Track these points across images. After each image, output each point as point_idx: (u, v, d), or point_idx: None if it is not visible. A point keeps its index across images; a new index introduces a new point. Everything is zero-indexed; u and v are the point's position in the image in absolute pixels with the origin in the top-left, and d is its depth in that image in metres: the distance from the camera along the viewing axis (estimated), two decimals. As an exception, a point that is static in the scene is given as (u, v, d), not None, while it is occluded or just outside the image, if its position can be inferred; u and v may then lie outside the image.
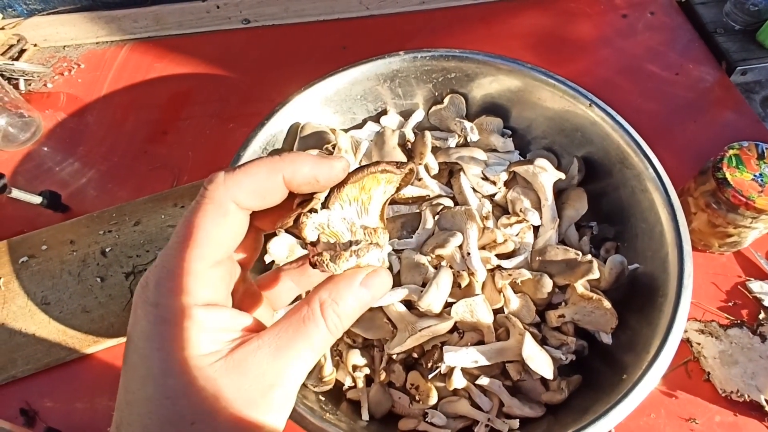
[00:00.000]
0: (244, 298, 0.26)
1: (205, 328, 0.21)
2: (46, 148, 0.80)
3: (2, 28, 0.91)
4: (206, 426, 0.20)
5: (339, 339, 0.50)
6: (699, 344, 0.56)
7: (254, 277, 0.28)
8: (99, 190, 0.75)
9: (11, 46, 0.88)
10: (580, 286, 0.47)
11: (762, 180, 0.54)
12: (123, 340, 0.60)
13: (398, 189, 0.26)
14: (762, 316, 0.58)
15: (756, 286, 0.60)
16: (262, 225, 0.25)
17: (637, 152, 0.52)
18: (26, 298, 0.63)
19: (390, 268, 0.50)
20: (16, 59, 0.88)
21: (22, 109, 0.80)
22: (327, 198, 0.23)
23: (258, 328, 0.23)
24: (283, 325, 0.22)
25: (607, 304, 0.46)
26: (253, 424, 0.21)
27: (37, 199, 0.67)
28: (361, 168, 0.24)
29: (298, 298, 0.39)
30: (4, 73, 0.84)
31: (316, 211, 0.23)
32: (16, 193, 0.64)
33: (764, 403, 0.51)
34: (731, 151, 0.56)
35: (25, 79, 0.86)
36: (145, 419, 0.21)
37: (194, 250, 0.21)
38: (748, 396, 0.52)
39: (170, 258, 0.21)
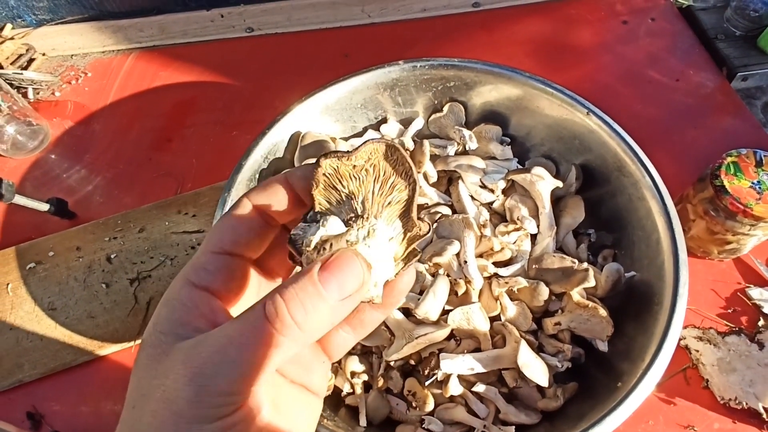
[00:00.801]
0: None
1: (182, 308, 0.21)
2: (53, 156, 0.82)
3: (12, 38, 0.92)
4: (160, 407, 0.19)
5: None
6: (698, 351, 0.56)
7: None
8: (105, 197, 0.77)
9: (20, 56, 0.90)
10: (576, 294, 0.47)
11: (760, 187, 0.54)
12: (127, 345, 0.61)
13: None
14: (761, 323, 0.58)
15: (756, 293, 0.60)
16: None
17: (634, 160, 0.52)
18: (33, 304, 0.64)
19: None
20: (25, 68, 0.90)
21: (30, 118, 0.81)
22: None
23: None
24: (242, 319, 0.20)
25: (602, 312, 0.46)
26: (203, 417, 0.18)
27: (45, 206, 0.68)
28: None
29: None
30: (13, 82, 0.86)
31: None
32: (24, 201, 0.65)
33: (762, 411, 0.51)
34: (729, 159, 0.56)
35: (33, 88, 0.88)
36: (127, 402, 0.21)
37: (208, 235, 0.24)
38: (747, 404, 0.52)
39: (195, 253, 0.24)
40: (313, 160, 0.24)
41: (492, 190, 0.58)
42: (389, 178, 0.24)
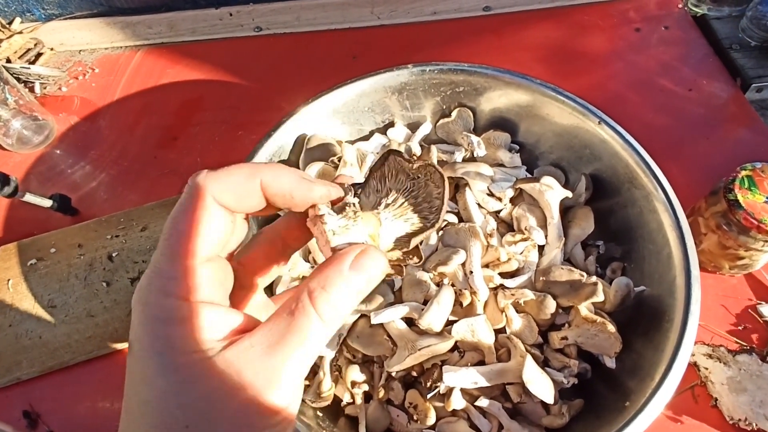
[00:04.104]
0: (262, 311, 0.26)
1: (195, 326, 0.20)
2: (58, 151, 0.82)
3: (20, 32, 0.92)
4: (201, 429, 0.19)
5: (339, 354, 0.49)
6: (707, 369, 0.55)
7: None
8: (109, 194, 0.76)
9: (28, 50, 0.90)
10: (584, 308, 0.46)
11: (775, 203, 0.53)
12: (126, 345, 0.61)
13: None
14: (773, 341, 0.57)
15: (767, 309, 0.59)
16: (291, 242, 0.26)
17: (646, 172, 0.51)
18: (33, 301, 0.64)
19: (392, 284, 0.50)
20: (33, 63, 0.90)
21: (36, 112, 0.81)
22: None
23: (253, 325, 0.22)
24: (274, 321, 0.21)
25: (611, 327, 0.45)
26: (253, 427, 0.20)
27: (48, 203, 0.68)
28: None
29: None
30: (20, 76, 0.85)
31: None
32: (27, 197, 0.65)
33: (773, 433, 0.50)
34: (744, 172, 0.55)
35: (40, 83, 0.88)
36: (142, 425, 0.20)
37: (179, 246, 0.21)
38: (756, 425, 0.50)
39: (158, 256, 0.21)
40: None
41: (499, 199, 0.57)
42: (421, 203, 0.26)
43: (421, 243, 0.25)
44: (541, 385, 0.42)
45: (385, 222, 0.25)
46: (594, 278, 0.48)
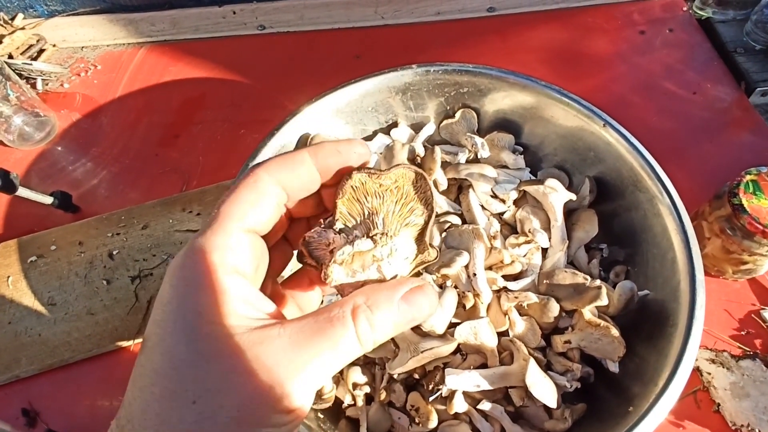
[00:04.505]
0: (273, 298, 0.26)
1: (225, 297, 0.20)
2: (60, 148, 0.81)
3: (23, 28, 0.92)
4: (207, 408, 0.18)
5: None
6: (709, 374, 0.54)
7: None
8: (110, 191, 0.76)
9: (31, 46, 0.90)
10: (588, 312, 0.46)
11: (780, 208, 0.52)
12: (126, 343, 0.61)
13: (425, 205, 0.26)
14: (776, 347, 0.56)
15: (770, 315, 0.59)
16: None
17: (651, 176, 0.51)
18: (33, 298, 0.64)
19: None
20: (35, 59, 0.89)
21: (38, 109, 0.81)
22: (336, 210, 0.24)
23: (279, 316, 0.22)
24: (309, 319, 0.20)
25: (614, 332, 0.45)
26: (259, 419, 0.19)
27: (48, 200, 0.68)
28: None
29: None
30: (22, 72, 0.85)
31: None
32: (28, 194, 0.64)
33: (776, 439, 0.49)
34: (748, 177, 0.55)
35: (42, 79, 0.87)
36: (147, 393, 0.19)
37: (226, 212, 0.21)
38: (759, 431, 0.50)
39: (203, 225, 0.22)
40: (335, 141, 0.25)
41: (503, 201, 0.56)
42: (410, 202, 0.25)
43: (431, 240, 0.25)
44: (543, 388, 0.42)
45: (386, 257, 0.24)
46: (598, 282, 0.47)
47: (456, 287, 0.47)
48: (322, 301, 0.33)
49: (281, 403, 0.19)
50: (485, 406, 0.44)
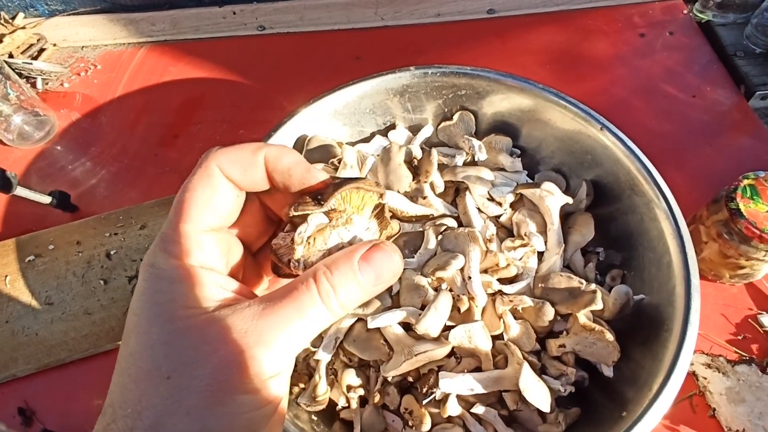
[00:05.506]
0: (249, 276, 0.27)
1: (196, 284, 0.21)
2: (59, 147, 0.82)
3: (23, 27, 0.92)
4: (182, 380, 0.19)
5: (335, 357, 0.49)
6: (705, 379, 0.54)
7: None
8: (108, 191, 0.76)
9: (31, 45, 0.90)
10: (583, 316, 0.46)
11: (777, 213, 0.52)
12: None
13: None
14: (773, 352, 0.56)
15: (767, 320, 0.59)
16: (274, 207, 0.27)
17: (648, 180, 0.51)
18: (30, 297, 0.64)
19: (389, 289, 0.49)
20: (35, 58, 0.90)
21: (38, 108, 0.81)
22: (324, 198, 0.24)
23: (252, 296, 0.23)
24: (278, 290, 0.21)
25: (609, 336, 0.45)
26: (233, 385, 0.20)
27: (47, 199, 0.68)
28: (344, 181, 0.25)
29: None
30: (22, 71, 0.85)
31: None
32: (26, 193, 0.65)
33: (771, 445, 0.49)
34: (746, 181, 0.55)
35: (42, 79, 0.87)
36: (124, 376, 0.20)
37: (186, 213, 0.22)
38: (754, 436, 0.50)
39: (166, 224, 0.22)
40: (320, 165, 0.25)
41: (500, 203, 0.56)
42: (362, 196, 0.25)
43: (389, 216, 0.26)
44: (537, 392, 0.42)
45: (344, 225, 0.25)
46: (593, 286, 0.47)
47: (451, 290, 0.47)
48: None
49: (252, 368, 0.20)
50: (479, 409, 0.44)
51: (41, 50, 0.91)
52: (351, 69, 0.86)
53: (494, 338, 0.47)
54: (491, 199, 0.57)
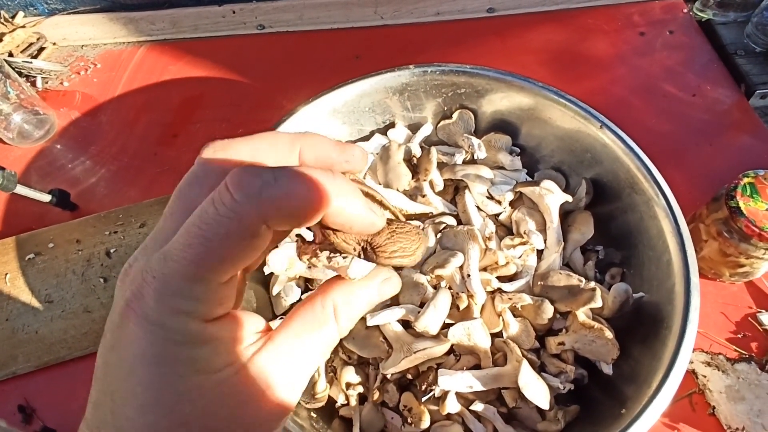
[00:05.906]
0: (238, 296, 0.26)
1: (221, 344, 0.19)
2: (59, 146, 0.82)
3: (23, 26, 0.92)
4: None
5: (334, 355, 0.49)
6: (705, 377, 0.54)
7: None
8: (108, 189, 0.76)
9: (31, 44, 0.90)
10: (582, 314, 0.46)
11: (777, 211, 0.52)
12: (122, 342, 0.61)
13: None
14: (772, 350, 0.56)
15: (767, 318, 0.59)
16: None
17: (647, 178, 0.51)
18: (30, 295, 0.64)
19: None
20: (35, 57, 0.90)
21: (37, 107, 0.81)
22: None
23: (267, 327, 0.22)
24: (298, 326, 0.21)
25: (608, 334, 0.45)
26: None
27: (46, 198, 0.68)
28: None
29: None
30: (22, 70, 0.85)
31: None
32: (26, 192, 0.65)
33: (770, 443, 0.49)
34: (746, 179, 0.55)
35: (42, 77, 0.88)
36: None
37: (208, 262, 0.17)
38: (754, 434, 0.50)
39: (172, 267, 0.17)
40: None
41: (499, 202, 0.56)
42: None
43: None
44: (536, 390, 0.42)
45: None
46: (592, 284, 0.47)
47: (450, 288, 0.47)
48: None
49: (287, 409, 0.21)
50: (478, 407, 0.44)
51: (41, 49, 0.91)
52: (350, 68, 0.86)
53: (493, 336, 0.47)
54: (490, 197, 0.57)
